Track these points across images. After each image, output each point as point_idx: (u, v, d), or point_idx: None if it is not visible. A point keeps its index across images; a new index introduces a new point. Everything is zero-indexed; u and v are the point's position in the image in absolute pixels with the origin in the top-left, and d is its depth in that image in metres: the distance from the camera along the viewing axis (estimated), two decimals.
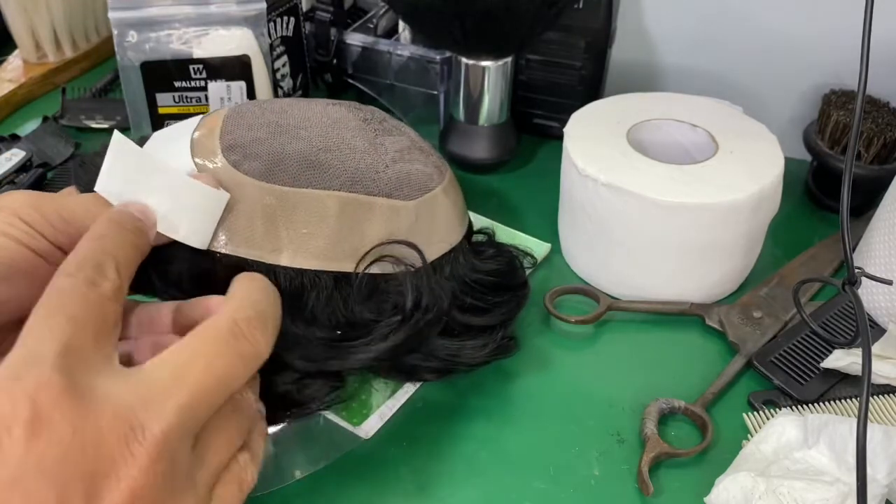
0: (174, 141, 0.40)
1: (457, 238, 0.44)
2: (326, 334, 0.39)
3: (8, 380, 0.25)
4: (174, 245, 0.36)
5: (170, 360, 0.28)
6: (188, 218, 0.36)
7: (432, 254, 0.42)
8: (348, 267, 0.39)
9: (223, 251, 0.38)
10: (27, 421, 0.24)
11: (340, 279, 0.39)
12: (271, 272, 0.38)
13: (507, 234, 0.60)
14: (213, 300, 0.35)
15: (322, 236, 0.39)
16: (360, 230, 0.40)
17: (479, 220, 0.59)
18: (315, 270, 0.39)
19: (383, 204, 0.40)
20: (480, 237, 0.49)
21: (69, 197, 0.35)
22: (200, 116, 0.42)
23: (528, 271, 0.50)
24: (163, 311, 0.36)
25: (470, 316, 0.44)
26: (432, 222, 0.43)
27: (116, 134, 0.35)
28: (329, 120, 0.43)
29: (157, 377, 0.27)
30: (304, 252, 0.38)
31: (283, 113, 0.42)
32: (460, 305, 0.43)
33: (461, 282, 0.44)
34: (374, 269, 0.40)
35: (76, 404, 0.25)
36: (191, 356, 0.28)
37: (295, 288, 0.39)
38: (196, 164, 0.39)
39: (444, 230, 0.43)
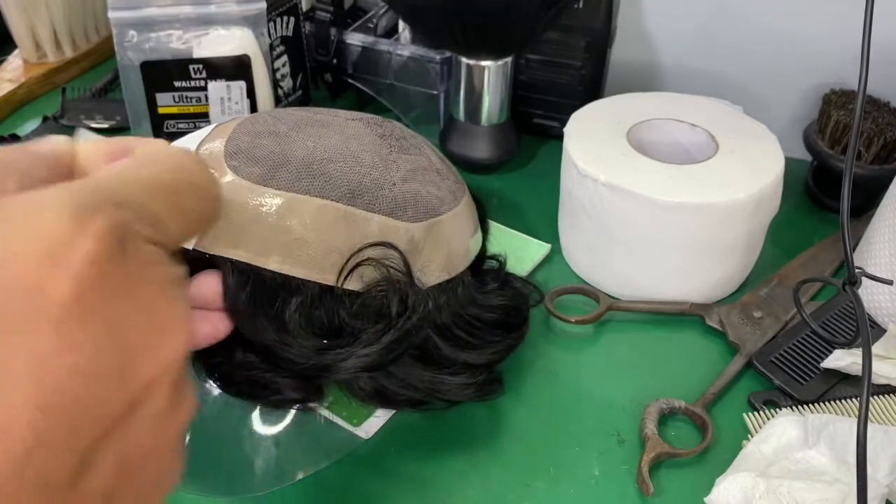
0: (186, 146, 0.40)
1: (458, 268, 0.43)
2: (312, 343, 0.38)
3: (81, 208, 0.21)
4: None
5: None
6: None
7: (430, 281, 0.41)
8: (334, 279, 0.38)
9: (210, 252, 0.37)
10: (81, 269, 0.20)
11: (326, 288, 0.38)
12: (257, 273, 0.38)
13: (507, 235, 0.60)
14: (207, 274, 0.37)
15: (313, 245, 0.38)
16: (353, 245, 0.39)
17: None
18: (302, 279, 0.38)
19: (381, 222, 0.39)
20: (493, 263, 0.47)
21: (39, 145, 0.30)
22: (216, 124, 0.42)
23: (532, 308, 0.48)
24: None
25: (458, 350, 0.42)
26: (434, 249, 0.41)
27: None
28: (342, 134, 0.42)
29: None
30: (292, 259, 0.38)
31: (297, 124, 0.42)
32: (450, 338, 0.42)
33: (455, 314, 0.42)
34: (358, 283, 0.39)
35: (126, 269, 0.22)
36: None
37: (280, 289, 0.38)
38: None
39: (446, 259, 0.42)
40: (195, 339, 0.37)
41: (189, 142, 0.41)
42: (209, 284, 0.37)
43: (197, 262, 0.38)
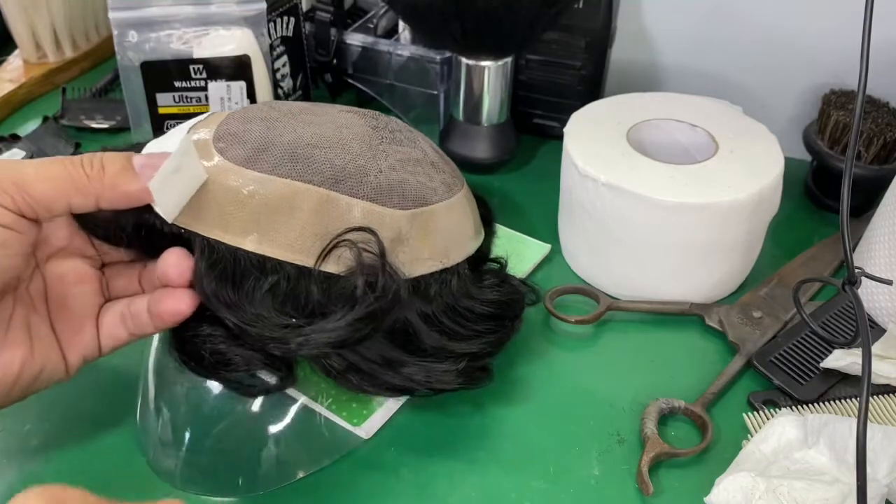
0: (181, 129, 0.42)
1: (454, 259, 0.42)
2: (282, 321, 0.38)
3: None
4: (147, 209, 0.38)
5: None
6: (169, 186, 0.37)
7: (418, 270, 0.41)
8: (312, 262, 0.39)
9: (188, 228, 0.38)
10: None
11: (304, 270, 0.39)
12: (232, 253, 0.38)
13: (507, 235, 0.60)
14: (173, 251, 0.39)
15: (293, 228, 0.38)
16: (333, 230, 0.39)
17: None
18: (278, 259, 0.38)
19: (365, 207, 0.39)
20: (493, 265, 0.47)
21: (27, 165, 0.36)
22: (212, 112, 0.43)
23: (529, 307, 0.48)
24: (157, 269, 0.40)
25: (446, 340, 0.42)
26: (424, 238, 0.41)
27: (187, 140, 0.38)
28: (334, 124, 0.42)
29: None
30: (270, 241, 0.38)
31: (290, 112, 0.42)
32: (436, 325, 0.42)
33: (447, 306, 0.42)
34: (335, 266, 0.39)
35: None
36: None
37: (254, 269, 0.38)
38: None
39: (438, 249, 0.42)
40: (162, 317, 0.39)
41: (185, 124, 0.42)
42: (174, 262, 0.38)
43: (170, 238, 0.39)
